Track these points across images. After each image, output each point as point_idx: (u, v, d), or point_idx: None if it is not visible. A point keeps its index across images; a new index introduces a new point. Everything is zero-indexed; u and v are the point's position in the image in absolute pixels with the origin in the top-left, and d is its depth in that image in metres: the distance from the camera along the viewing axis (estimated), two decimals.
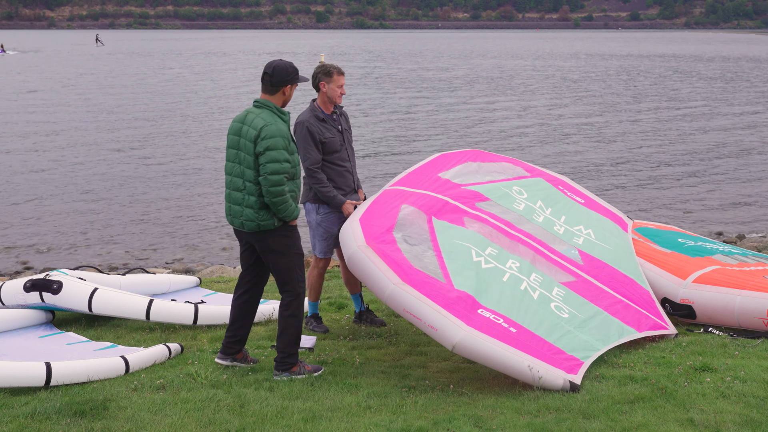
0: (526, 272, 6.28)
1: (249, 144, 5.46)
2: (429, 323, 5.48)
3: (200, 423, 4.88)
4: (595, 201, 8.02)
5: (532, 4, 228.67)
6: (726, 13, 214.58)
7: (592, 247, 7.08)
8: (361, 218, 6.20)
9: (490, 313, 5.65)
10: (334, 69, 6.63)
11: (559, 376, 5.34)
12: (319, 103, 6.68)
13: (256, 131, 5.43)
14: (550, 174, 8.07)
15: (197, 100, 32.93)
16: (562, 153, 20.51)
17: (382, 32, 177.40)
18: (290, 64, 5.62)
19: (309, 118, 6.55)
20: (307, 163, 6.56)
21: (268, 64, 5.62)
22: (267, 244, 5.62)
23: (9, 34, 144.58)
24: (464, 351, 5.40)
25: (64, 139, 22.85)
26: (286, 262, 5.66)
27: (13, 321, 6.65)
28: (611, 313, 6.29)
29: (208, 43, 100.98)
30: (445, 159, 7.44)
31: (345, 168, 6.72)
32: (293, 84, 5.61)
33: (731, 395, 5.16)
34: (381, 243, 5.93)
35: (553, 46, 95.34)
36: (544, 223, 7.11)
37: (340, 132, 6.71)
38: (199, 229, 13.37)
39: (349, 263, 5.97)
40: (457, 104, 31.68)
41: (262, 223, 5.52)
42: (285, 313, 5.73)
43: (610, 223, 7.68)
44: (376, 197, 6.59)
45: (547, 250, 6.74)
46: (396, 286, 5.63)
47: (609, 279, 6.71)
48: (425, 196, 6.67)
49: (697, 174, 18.05)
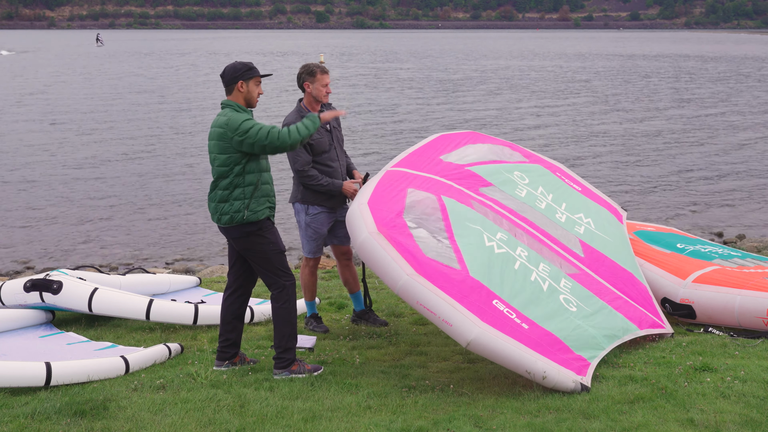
0: (534, 262, 6.20)
1: (218, 143, 5.59)
2: (444, 318, 5.38)
3: (200, 423, 4.88)
4: (591, 189, 7.96)
5: (532, 4, 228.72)
6: (726, 13, 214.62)
7: (593, 238, 7.02)
8: (369, 201, 6.03)
9: (504, 306, 5.58)
10: (317, 68, 6.64)
11: (570, 378, 5.32)
12: (306, 103, 6.69)
13: (222, 128, 5.57)
14: (547, 160, 7.98)
15: (197, 100, 32.93)
16: (558, 149, 20.52)
17: (382, 32, 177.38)
18: (240, 62, 5.75)
19: (295, 119, 6.52)
20: (297, 166, 6.58)
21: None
22: (242, 243, 5.68)
23: (9, 34, 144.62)
24: (478, 348, 5.33)
25: (65, 139, 22.85)
26: (266, 259, 5.70)
27: (13, 321, 6.65)
28: (615, 308, 6.27)
29: (209, 43, 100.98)
30: (445, 140, 7.30)
31: (333, 168, 6.70)
32: (245, 79, 5.68)
33: (731, 395, 5.16)
34: (392, 229, 5.78)
35: (564, 46, 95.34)
36: (546, 210, 7.02)
37: (328, 131, 6.70)
38: (199, 229, 13.36)
39: (359, 250, 5.81)
40: (474, 105, 31.69)
41: (234, 215, 5.59)
42: (275, 306, 5.77)
43: (607, 213, 7.64)
44: (380, 179, 6.40)
45: (551, 240, 6.67)
46: (410, 278, 5.49)
47: (609, 274, 6.67)
48: (430, 179, 6.55)
49: (698, 174, 18.05)
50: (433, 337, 6.73)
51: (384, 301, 7.87)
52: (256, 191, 5.63)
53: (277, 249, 5.74)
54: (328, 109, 6.71)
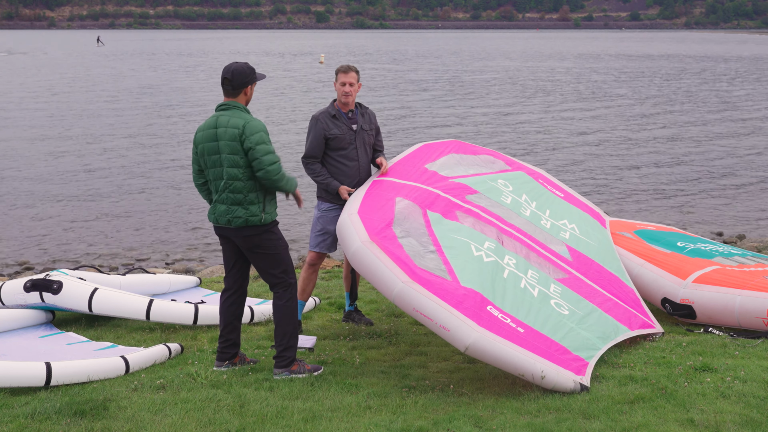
0: (523, 269, 6.26)
1: (230, 144, 5.54)
2: (441, 323, 5.38)
3: (200, 423, 4.88)
4: (573, 195, 8.04)
5: (532, 4, 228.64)
6: (726, 13, 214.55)
7: (578, 243, 7.10)
8: (359, 211, 6.12)
9: (498, 311, 5.61)
10: (340, 67, 6.78)
11: (570, 378, 5.32)
12: (337, 101, 6.79)
13: (239, 129, 5.53)
14: (529, 167, 8.08)
15: (198, 100, 32.92)
16: (556, 149, 20.52)
17: (382, 32, 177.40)
18: (246, 65, 5.74)
19: (321, 113, 6.72)
20: (303, 155, 6.75)
21: (225, 69, 5.71)
22: (253, 241, 5.68)
23: (9, 34, 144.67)
24: (477, 353, 5.32)
25: (65, 139, 22.85)
26: (276, 255, 5.72)
27: (13, 321, 6.65)
28: (605, 310, 6.32)
29: (210, 43, 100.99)
30: (429, 149, 7.42)
31: (349, 167, 6.73)
32: (253, 83, 5.72)
33: (731, 395, 5.16)
34: (384, 239, 5.85)
35: (574, 45, 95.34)
36: (531, 217, 7.11)
37: (352, 131, 6.73)
38: (199, 229, 13.36)
39: (352, 259, 5.86)
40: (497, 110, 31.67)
41: (250, 219, 5.60)
42: (279, 303, 5.78)
43: (590, 218, 7.72)
44: (367, 188, 6.54)
45: (538, 245, 6.74)
46: (405, 285, 5.51)
47: (597, 276, 6.75)
48: (417, 188, 6.64)
49: (698, 174, 18.04)
50: (433, 337, 6.73)
51: (384, 301, 7.87)
52: (267, 193, 5.67)
53: (286, 245, 5.83)
54: (361, 110, 6.82)
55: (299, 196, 5.96)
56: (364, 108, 6.90)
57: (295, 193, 5.85)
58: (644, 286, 7.12)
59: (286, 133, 23.62)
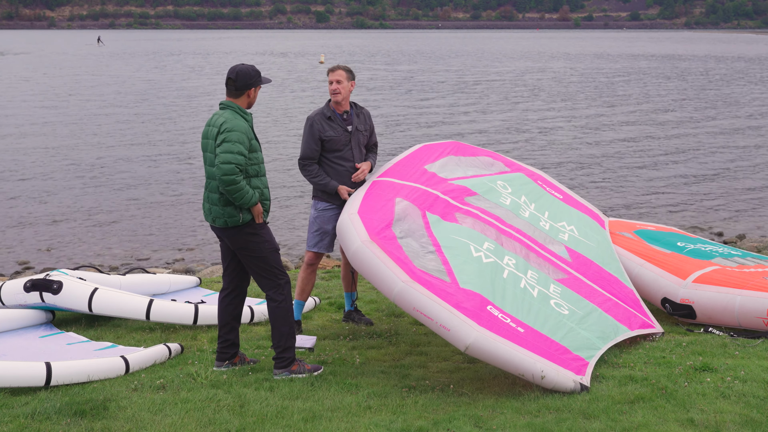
0: (523, 270, 6.27)
1: (210, 142, 5.61)
2: (441, 323, 5.38)
3: (200, 423, 4.88)
4: (572, 196, 8.05)
5: (532, 4, 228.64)
6: (726, 13, 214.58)
7: (577, 244, 7.12)
8: (359, 211, 6.13)
9: (498, 311, 5.62)
10: (329, 68, 6.77)
11: (570, 378, 5.33)
12: (331, 102, 6.77)
13: (217, 128, 5.56)
14: (529, 168, 8.09)
15: (198, 100, 32.93)
16: (554, 148, 20.52)
17: (382, 32, 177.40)
18: (252, 68, 5.71)
19: (316, 115, 6.73)
20: (299, 157, 6.76)
21: (231, 69, 5.71)
22: (238, 242, 5.68)
23: (9, 34, 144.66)
24: (477, 352, 5.33)
25: (65, 138, 22.85)
26: (261, 257, 5.70)
27: (13, 321, 6.65)
28: (604, 310, 6.32)
29: (210, 44, 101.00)
30: (428, 150, 7.43)
31: (344, 168, 6.74)
32: (257, 86, 5.70)
33: (731, 395, 5.16)
34: (383, 239, 5.86)
35: (583, 45, 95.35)
36: (530, 218, 7.13)
37: (347, 132, 6.73)
38: (199, 229, 13.36)
39: (353, 259, 5.86)
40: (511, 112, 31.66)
41: (228, 220, 5.59)
42: (272, 305, 5.77)
43: (589, 220, 7.74)
44: (367, 189, 6.55)
45: (538, 246, 6.76)
46: (405, 284, 5.52)
47: (597, 277, 6.76)
48: (416, 189, 6.65)
49: (698, 174, 18.05)
50: (433, 337, 6.73)
51: (384, 300, 7.87)
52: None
53: (272, 247, 5.76)
54: (356, 111, 6.82)
55: (255, 214, 5.64)
56: (360, 108, 6.90)
57: (251, 210, 5.61)
58: (644, 286, 7.13)
59: (286, 133, 23.63)
